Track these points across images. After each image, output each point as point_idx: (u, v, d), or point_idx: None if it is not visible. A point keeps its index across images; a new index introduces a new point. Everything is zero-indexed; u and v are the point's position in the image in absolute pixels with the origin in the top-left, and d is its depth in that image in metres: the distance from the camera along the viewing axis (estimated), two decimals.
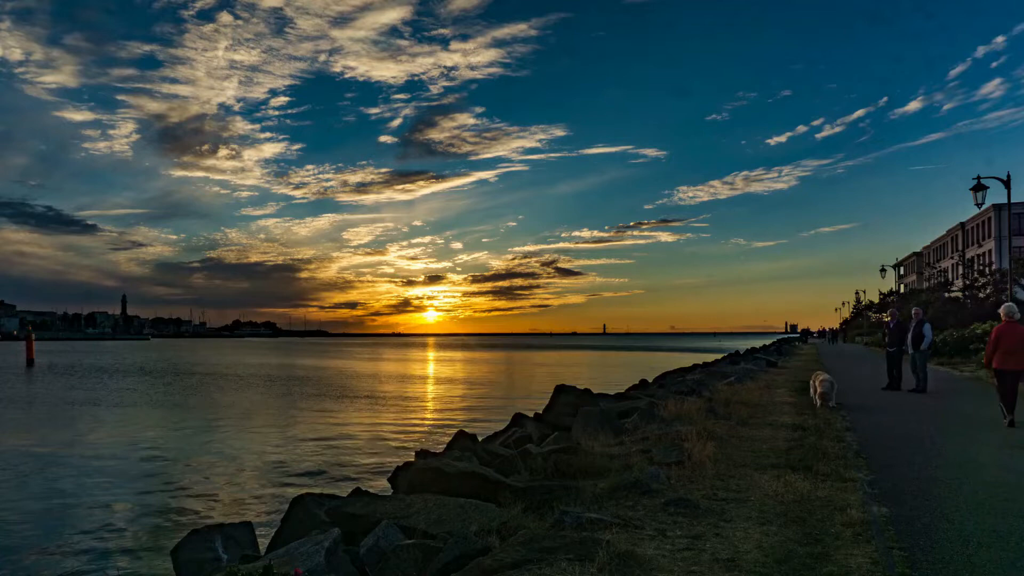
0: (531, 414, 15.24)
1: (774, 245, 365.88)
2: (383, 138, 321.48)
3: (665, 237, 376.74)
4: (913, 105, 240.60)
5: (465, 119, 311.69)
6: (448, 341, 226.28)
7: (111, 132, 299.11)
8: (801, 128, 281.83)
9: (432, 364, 71.40)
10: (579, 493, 6.40)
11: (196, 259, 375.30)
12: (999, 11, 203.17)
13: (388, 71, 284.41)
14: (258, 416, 26.05)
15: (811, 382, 14.52)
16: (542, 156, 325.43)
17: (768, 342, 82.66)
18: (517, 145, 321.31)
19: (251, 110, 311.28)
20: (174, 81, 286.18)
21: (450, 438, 12.70)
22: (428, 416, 26.36)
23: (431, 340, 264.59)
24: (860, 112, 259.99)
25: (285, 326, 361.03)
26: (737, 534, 5.24)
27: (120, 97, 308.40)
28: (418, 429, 22.54)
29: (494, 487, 6.75)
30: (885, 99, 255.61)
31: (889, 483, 7.04)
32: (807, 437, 9.85)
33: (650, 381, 25.13)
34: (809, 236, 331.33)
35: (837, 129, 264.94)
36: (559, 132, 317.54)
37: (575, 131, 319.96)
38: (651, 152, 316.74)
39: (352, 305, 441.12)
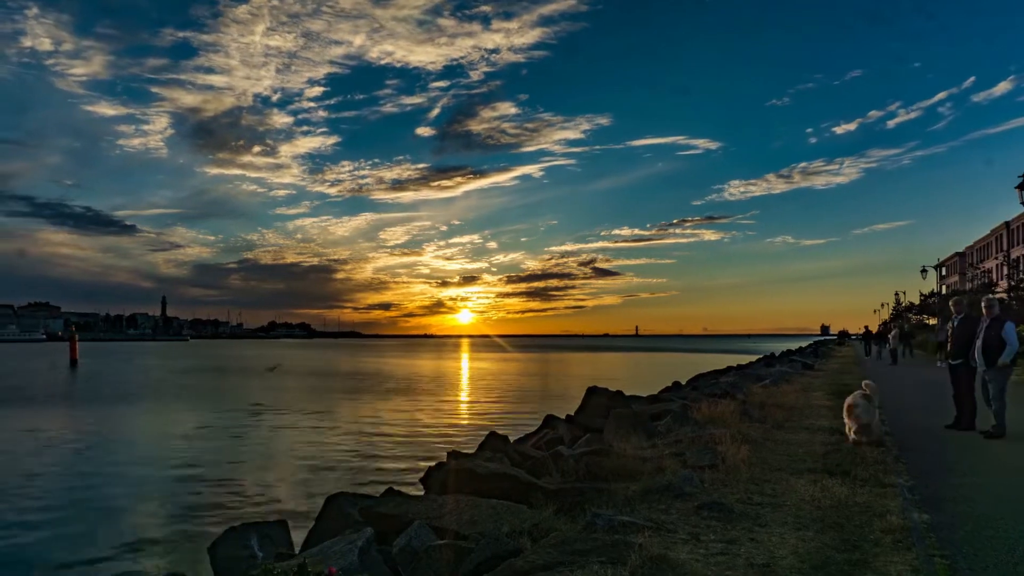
0: (562, 416, 15.20)
1: (824, 243, 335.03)
2: (420, 130, 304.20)
3: (709, 235, 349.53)
4: (1003, 86, 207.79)
5: (507, 108, 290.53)
6: (476, 343, 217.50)
7: (145, 128, 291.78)
8: (874, 114, 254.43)
9: (461, 365, 71.64)
10: (611, 496, 6.36)
11: (233, 260, 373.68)
12: None
13: (426, 55, 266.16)
14: (293, 415, 26.41)
15: (844, 409, 9.82)
16: (585, 148, 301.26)
17: (804, 344, 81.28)
18: (560, 136, 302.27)
19: (287, 101, 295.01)
20: (209, 71, 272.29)
21: (482, 439, 12.73)
22: (459, 417, 26.45)
23: (461, 342, 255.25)
24: (942, 95, 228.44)
25: (319, 327, 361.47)
26: (773, 539, 5.16)
27: (154, 89, 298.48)
28: (450, 430, 22.63)
29: (526, 488, 6.74)
30: (972, 79, 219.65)
31: (930, 489, 6.86)
32: (845, 441, 9.66)
33: (683, 383, 24.89)
34: (862, 234, 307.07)
35: (913, 114, 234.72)
36: (604, 121, 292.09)
37: (621, 121, 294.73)
38: (702, 143, 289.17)
39: (386, 306, 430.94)
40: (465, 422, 24.95)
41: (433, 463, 9.01)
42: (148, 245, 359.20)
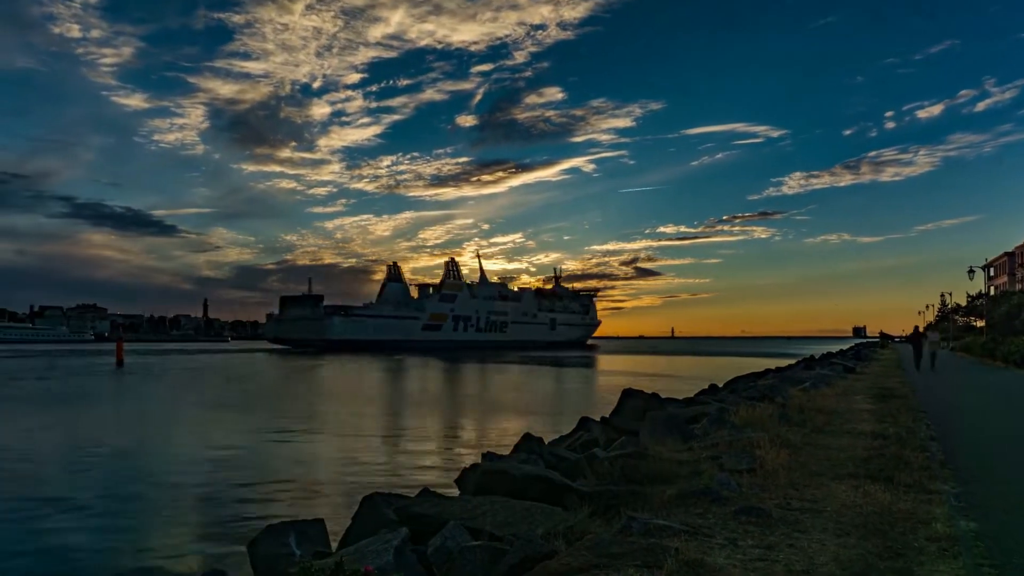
0: (597, 418, 15.13)
1: (881, 241, 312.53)
2: (462, 119, 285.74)
3: (759, 233, 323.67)
4: None
5: (553, 94, 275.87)
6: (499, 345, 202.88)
7: (179, 121, 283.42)
8: (966, 93, 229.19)
9: (493, 368, 71.78)
10: (646, 499, 6.31)
11: (272, 261, 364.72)
12: None
13: (469, 33, 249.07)
14: (329, 415, 26.75)
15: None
16: (636, 138, 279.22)
17: (842, 348, 79.64)
18: (610, 125, 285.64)
19: (325, 89, 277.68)
20: (245, 56, 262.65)
21: (516, 440, 12.74)
22: (494, 418, 26.50)
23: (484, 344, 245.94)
24: None
25: None
26: (812, 545, 5.05)
27: (188, 79, 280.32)
28: (484, 431, 22.69)
29: (560, 491, 6.73)
30: None
31: (978, 496, 6.66)
32: (888, 446, 9.42)
33: (719, 386, 24.57)
34: (927, 230, 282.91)
35: (1009, 94, 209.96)
36: (656, 107, 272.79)
37: (676, 106, 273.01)
38: (764, 130, 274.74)
39: None
40: (499, 423, 24.99)
41: (467, 464, 9.04)
42: (189, 247, 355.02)
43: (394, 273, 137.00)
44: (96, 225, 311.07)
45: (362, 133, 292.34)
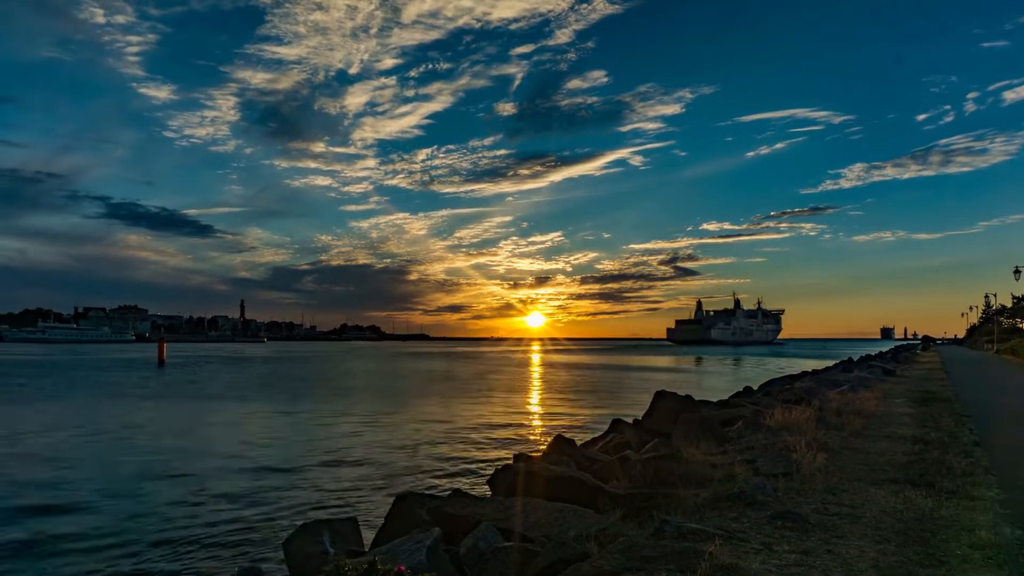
0: (629, 420, 15.03)
1: (941, 238, 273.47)
2: (500, 107, 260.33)
3: (808, 230, 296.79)
4: None
5: (598, 77, 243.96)
6: (528, 347, 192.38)
7: (210, 115, 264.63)
8: None
9: (524, 369, 71.74)
10: (680, 502, 6.25)
11: (306, 262, 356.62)
12: None
13: (509, 9, 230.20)
14: (363, 414, 27.00)
15: None
16: (684, 127, 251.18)
17: (879, 349, 77.98)
18: (657, 112, 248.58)
19: (359, 77, 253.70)
20: (277, 40, 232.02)
21: (548, 442, 12.72)
22: (526, 419, 26.50)
23: (514, 345, 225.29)
24: None
25: (389, 330, 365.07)
26: (851, 552, 4.95)
27: (219, 68, 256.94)
28: (516, 432, 22.70)
29: (592, 493, 6.70)
30: None
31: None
32: (929, 451, 9.19)
33: (754, 388, 24.23)
34: (992, 226, 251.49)
35: None
36: (708, 91, 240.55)
37: (730, 90, 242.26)
38: (825, 116, 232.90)
39: (457, 308, 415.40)
40: (531, 425, 24.98)
41: (500, 465, 9.05)
42: (224, 247, 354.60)
43: (736, 303, 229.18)
44: (131, 225, 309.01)
45: (397, 124, 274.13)
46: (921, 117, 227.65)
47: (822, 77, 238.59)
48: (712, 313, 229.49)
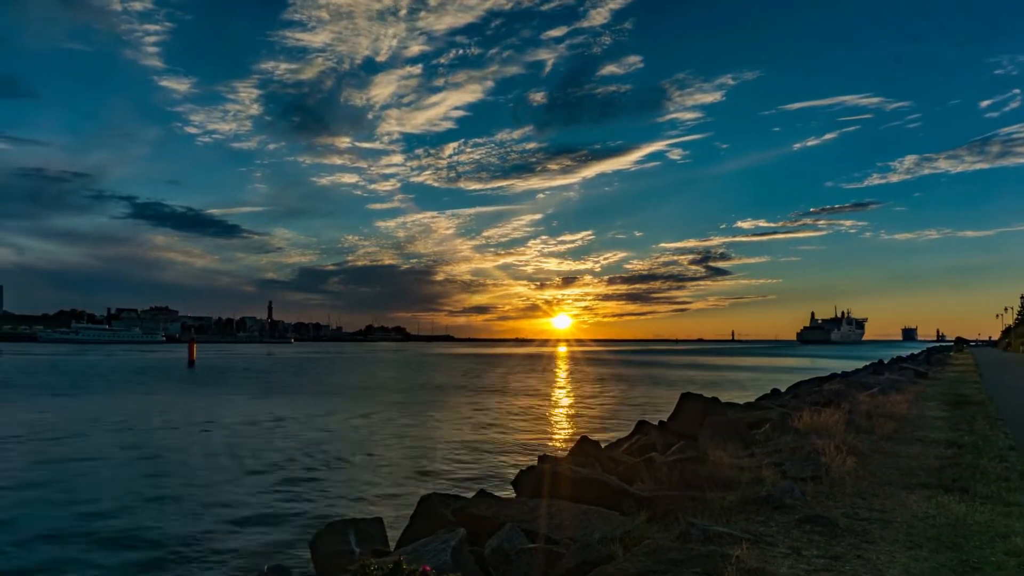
0: (655, 422, 14.93)
1: (993, 235, 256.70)
2: (531, 96, 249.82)
3: (848, 227, 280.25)
4: None
5: (633, 62, 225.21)
6: (549, 350, 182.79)
7: (232, 108, 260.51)
8: None
9: (551, 372, 71.63)
10: (706, 505, 6.19)
11: (332, 263, 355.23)
12: None
13: None
14: (389, 415, 27.17)
15: None
16: (723, 117, 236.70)
17: (916, 351, 76.47)
18: (695, 100, 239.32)
19: (386, 65, 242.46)
20: (301, 26, 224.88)
21: (573, 443, 12.68)
22: (550, 420, 26.46)
23: (535, 347, 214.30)
24: None
25: (414, 331, 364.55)
26: (881, 557, 4.87)
27: (240, 57, 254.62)
28: (540, 433, 22.67)
29: (617, 495, 6.66)
30: None
31: None
32: (963, 455, 9.00)
33: (782, 390, 23.94)
34: None
35: None
36: (750, 76, 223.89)
37: (774, 75, 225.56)
38: (876, 103, 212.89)
39: (483, 309, 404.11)
40: (556, 426, 24.94)
41: (524, 466, 9.04)
42: (251, 248, 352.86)
43: (842, 313, 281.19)
44: (157, 226, 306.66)
45: (425, 116, 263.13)
46: (985, 103, 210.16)
47: (874, 60, 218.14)
48: (821, 321, 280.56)
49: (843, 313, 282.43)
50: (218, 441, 20.72)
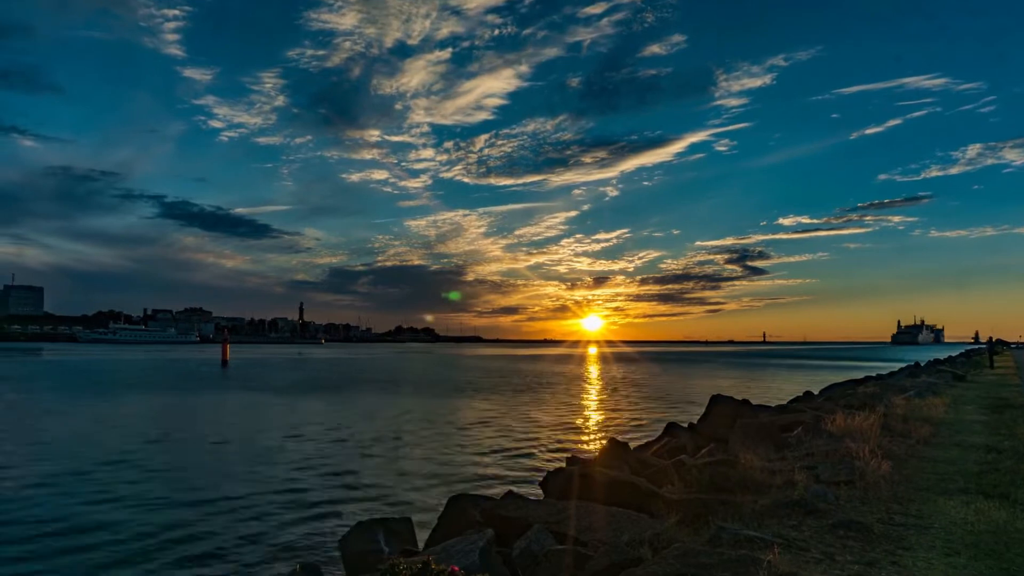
0: (684, 424, 14.81)
1: None
2: (567, 81, 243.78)
3: (898, 223, 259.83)
4: None
5: (677, 42, 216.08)
6: (579, 351, 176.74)
7: (256, 100, 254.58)
8: None
9: (580, 372, 71.40)
10: (737, 509, 6.12)
11: (362, 263, 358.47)
12: None
13: None
14: (418, 415, 27.33)
15: None
16: (771, 102, 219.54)
17: (954, 353, 74.71)
18: (742, 85, 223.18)
19: (419, 49, 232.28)
20: (328, 7, 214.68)
21: (601, 445, 12.63)
22: (578, 422, 26.37)
23: (565, 349, 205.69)
24: None
25: (442, 332, 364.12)
26: (918, 564, 4.76)
27: (265, 43, 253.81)
28: (569, 435, 22.61)
29: (646, 497, 6.62)
30: None
31: None
32: (1003, 460, 8.77)
33: (815, 392, 23.58)
34: None
35: None
36: (804, 56, 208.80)
37: (829, 56, 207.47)
38: (941, 84, 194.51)
39: (512, 310, 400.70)
40: (584, 427, 24.84)
41: (552, 467, 9.03)
42: (281, 249, 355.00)
43: (921, 321, 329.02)
44: (186, 225, 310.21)
45: (456, 105, 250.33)
46: None
47: (943, 35, 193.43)
48: (905, 327, 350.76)
49: (921, 321, 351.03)
50: (245, 442, 21.02)
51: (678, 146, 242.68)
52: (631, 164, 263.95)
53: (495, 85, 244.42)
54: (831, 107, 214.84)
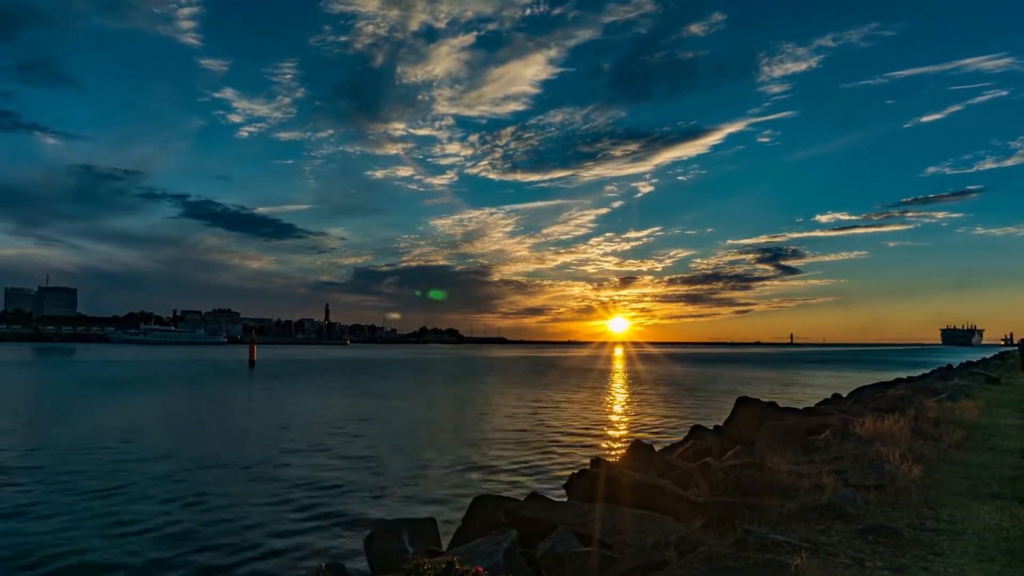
0: (710, 426, 14.68)
1: None
2: (599, 64, 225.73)
3: (940, 219, 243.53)
4: None
5: (716, 21, 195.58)
6: (605, 352, 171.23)
7: (276, 91, 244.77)
8: None
9: (603, 375, 71.13)
10: (763, 512, 6.05)
11: (386, 263, 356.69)
12: None
13: None
14: (444, 415, 27.44)
15: None
16: (818, 88, 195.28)
17: (988, 355, 73.14)
18: (785, 70, 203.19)
19: (445, 32, 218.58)
20: None
21: (626, 447, 12.57)
22: (603, 423, 26.27)
23: (591, 350, 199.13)
24: None
25: (467, 333, 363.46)
26: (950, 570, 4.67)
27: (283, 31, 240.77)
28: (593, 436, 22.53)
29: (671, 500, 6.57)
30: None
31: None
32: None
33: (843, 395, 23.24)
34: None
35: None
36: (854, 37, 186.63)
37: (885, 35, 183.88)
38: (1005, 66, 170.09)
39: (537, 311, 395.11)
40: (608, 429, 24.74)
41: (576, 469, 9.01)
42: (305, 249, 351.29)
43: (973, 327, 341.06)
44: (210, 225, 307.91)
45: (482, 94, 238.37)
46: None
47: (1008, 9, 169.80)
48: (955, 328, 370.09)
49: (973, 326, 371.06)
50: (272, 440, 21.26)
51: (714, 137, 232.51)
52: (665, 158, 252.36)
53: (524, 72, 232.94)
54: (884, 93, 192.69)
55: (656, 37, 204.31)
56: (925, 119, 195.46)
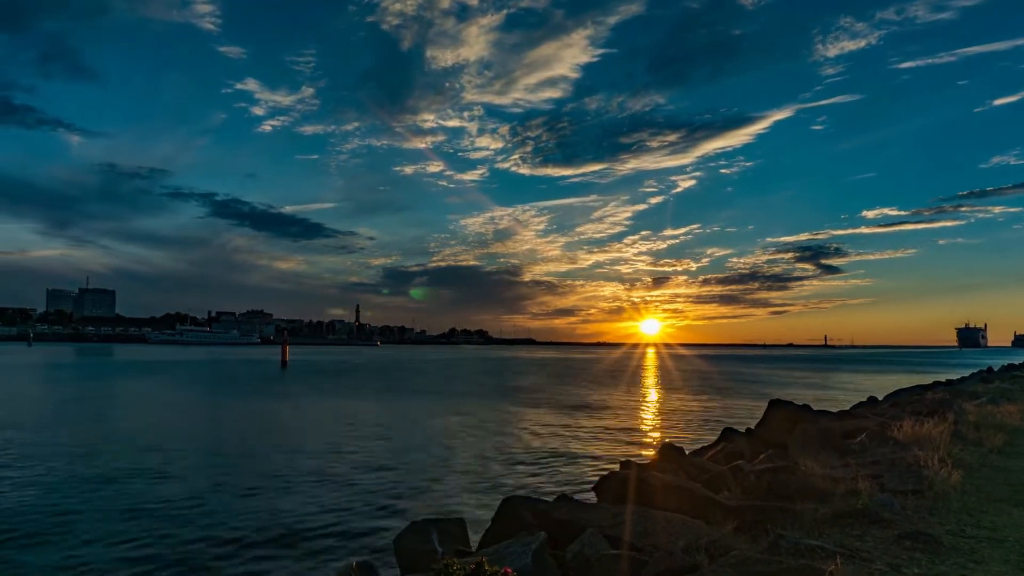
0: (742, 429, 14.50)
1: None
2: (638, 43, 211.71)
3: (996, 214, 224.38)
4: None
5: None
6: (636, 353, 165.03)
7: (299, 81, 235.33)
8: None
9: (630, 377, 70.65)
10: (797, 517, 5.96)
11: (415, 263, 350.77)
12: None
13: None
14: (475, 416, 27.49)
15: None
16: (877, 69, 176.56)
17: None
18: (840, 48, 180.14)
19: (474, 11, 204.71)
20: None
21: (656, 449, 12.47)
22: (632, 426, 26.09)
23: (622, 352, 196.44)
24: None
25: (496, 334, 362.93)
26: None
27: (305, 12, 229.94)
28: (622, 438, 22.39)
29: (702, 503, 6.51)
30: None
31: None
32: None
33: (879, 398, 22.79)
34: None
35: None
36: (920, 11, 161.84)
37: (956, 6, 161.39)
38: None
39: (566, 312, 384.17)
40: (638, 431, 24.56)
41: (606, 471, 8.96)
42: (334, 249, 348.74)
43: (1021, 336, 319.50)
44: (237, 225, 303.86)
45: (513, 80, 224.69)
46: None
47: None
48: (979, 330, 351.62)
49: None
50: (301, 440, 21.50)
51: (760, 126, 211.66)
52: (707, 149, 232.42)
53: (558, 54, 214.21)
54: (952, 72, 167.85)
55: (706, 10, 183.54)
56: (997, 102, 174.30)
